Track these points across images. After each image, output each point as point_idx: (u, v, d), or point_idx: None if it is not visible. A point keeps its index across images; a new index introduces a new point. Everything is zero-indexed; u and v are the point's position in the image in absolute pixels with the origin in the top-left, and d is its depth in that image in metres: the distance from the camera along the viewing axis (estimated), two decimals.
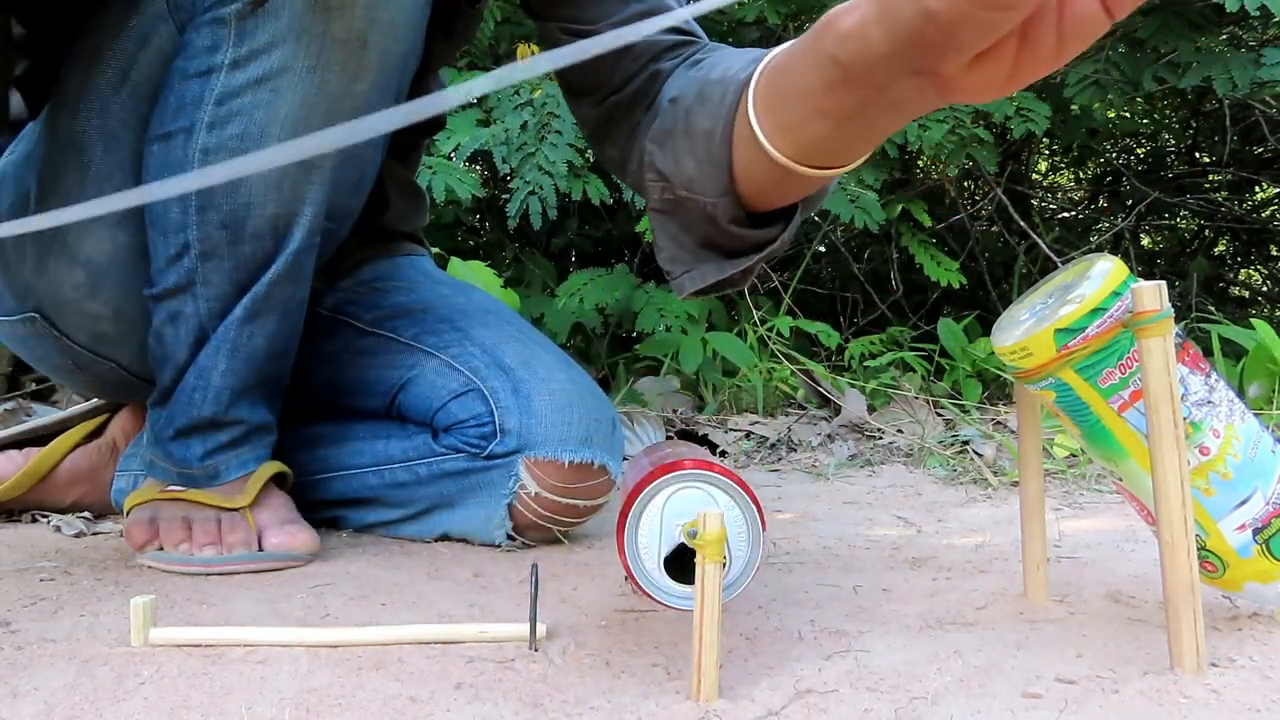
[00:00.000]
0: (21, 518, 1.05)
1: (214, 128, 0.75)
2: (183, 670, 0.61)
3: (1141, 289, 0.60)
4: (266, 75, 0.73)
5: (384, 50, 0.75)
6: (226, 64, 0.74)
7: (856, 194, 2.06)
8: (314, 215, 0.79)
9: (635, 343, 2.14)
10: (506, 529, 0.92)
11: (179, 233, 0.78)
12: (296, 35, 0.72)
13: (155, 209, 0.79)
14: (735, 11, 2.29)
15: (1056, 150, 3.32)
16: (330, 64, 0.73)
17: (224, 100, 0.75)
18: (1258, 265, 3.48)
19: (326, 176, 0.78)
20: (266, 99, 0.74)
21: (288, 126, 0.74)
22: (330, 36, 0.72)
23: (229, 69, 0.74)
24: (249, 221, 0.77)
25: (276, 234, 0.79)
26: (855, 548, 0.96)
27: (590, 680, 0.61)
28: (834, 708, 0.57)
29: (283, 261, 0.80)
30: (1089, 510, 1.14)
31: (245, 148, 0.75)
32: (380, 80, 0.77)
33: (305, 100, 0.74)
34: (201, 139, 0.75)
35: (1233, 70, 2.04)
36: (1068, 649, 0.66)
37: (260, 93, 0.74)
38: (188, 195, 0.76)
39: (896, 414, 1.72)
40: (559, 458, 0.90)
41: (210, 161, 0.75)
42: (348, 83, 0.75)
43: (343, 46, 0.73)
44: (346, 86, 0.75)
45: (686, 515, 0.58)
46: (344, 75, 0.74)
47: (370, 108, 0.77)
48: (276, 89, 0.74)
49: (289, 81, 0.73)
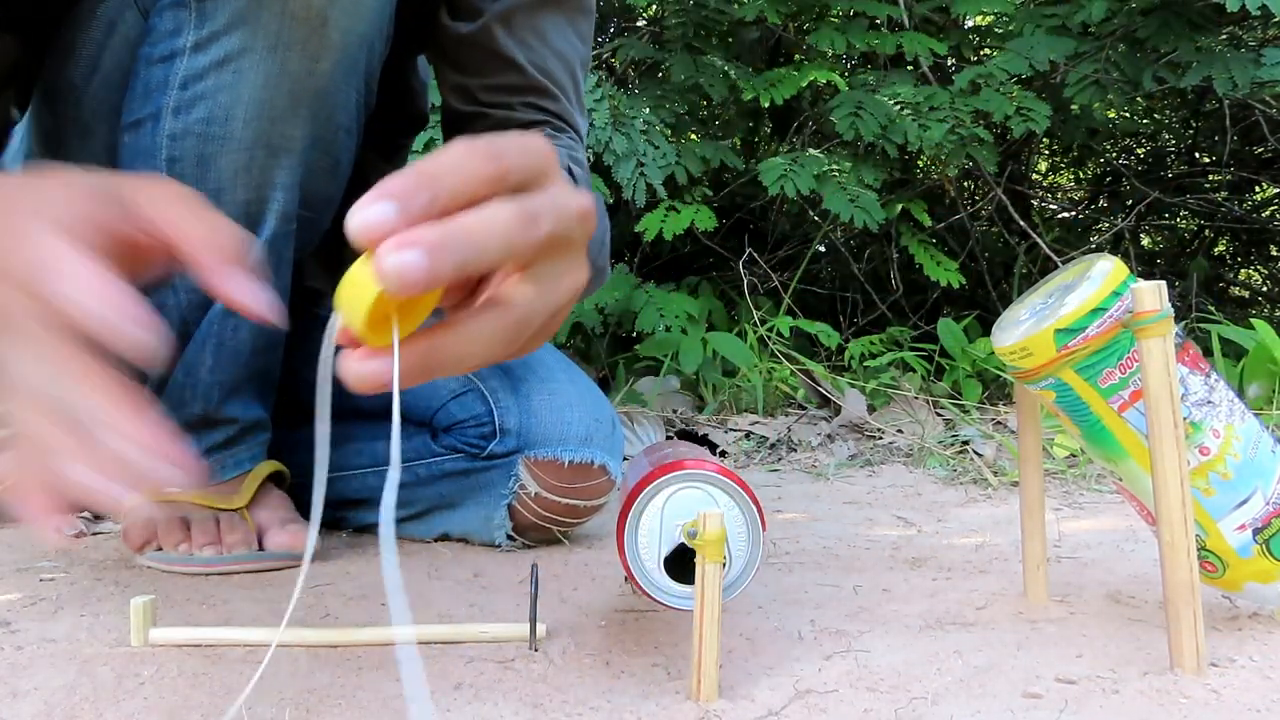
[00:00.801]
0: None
1: (179, 112, 0.74)
2: (183, 670, 0.61)
3: (1141, 289, 0.60)
4: (228, 57, 0.73)
5: (345, 29, 0.74)
6: (189, 47, 0.73)
7: (856, 194, 2.06)
8: (286, 200, 0.78)
9: (635, 343, 2.14)
10: (506, 529, 0.92)
11: None
12: (255, 14, 0.71)
13: None
14: (735, 11, 2.29)
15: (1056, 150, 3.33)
16: (291, 43, 0.72)
17: (188, 84, 0.74)
18: (1258, 265, 3.48)
19: (296, 160, 0.77)
20: (229, 80, 0.73)
21: (253, 108, 0.74)
22: (289, 14, 0.71)
23: (191, 51, 0.73)
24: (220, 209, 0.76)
25: (249, 219, 0.78)
26: (855, 548, 0.96)
27: (590, 680, 0.61)
28: (834, 708, 0.57)
29: (258, 250, 0.79)
30: (1089, 510, 1.14)
31: (211, 131, 0.74)
32: (344, 60, 0.76)
33: (268, 81, 0.73)
34: (168, 124, 0.75)
35: (1233, 70, 2.04)
36: (1068, 649, 0.66)
37: (223, 74, 0.73)
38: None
39: (896, 414, 1.72)
40: (559, 457, 0.89)
41: (178, 147, 0.74)
42: (309, 62, 0.74)
43: (302, 24, 0.72)
44: (309, 66, 0.74)
45: (686, 515, 0.58)
46: (305, 55, 0.73)
47: (335, 88, 0.76)
48: (239, 70, 0.73)
49: (250, 62, 0.72)
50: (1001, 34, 2.52)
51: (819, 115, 2.49)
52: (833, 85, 2.19)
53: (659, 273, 2.53)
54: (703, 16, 2.33)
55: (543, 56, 0.86)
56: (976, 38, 2.80)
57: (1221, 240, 3.39)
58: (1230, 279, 3.38)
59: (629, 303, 2.08)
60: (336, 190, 0.85)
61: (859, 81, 2.26)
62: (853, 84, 2.22)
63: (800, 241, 2.68)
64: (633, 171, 1.96)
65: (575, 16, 0.88)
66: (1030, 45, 2.15)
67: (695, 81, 2.23)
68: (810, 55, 2.41)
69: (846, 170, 2.13)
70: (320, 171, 0.80)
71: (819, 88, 2.40)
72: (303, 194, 0.79)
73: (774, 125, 2.83)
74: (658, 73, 2.56)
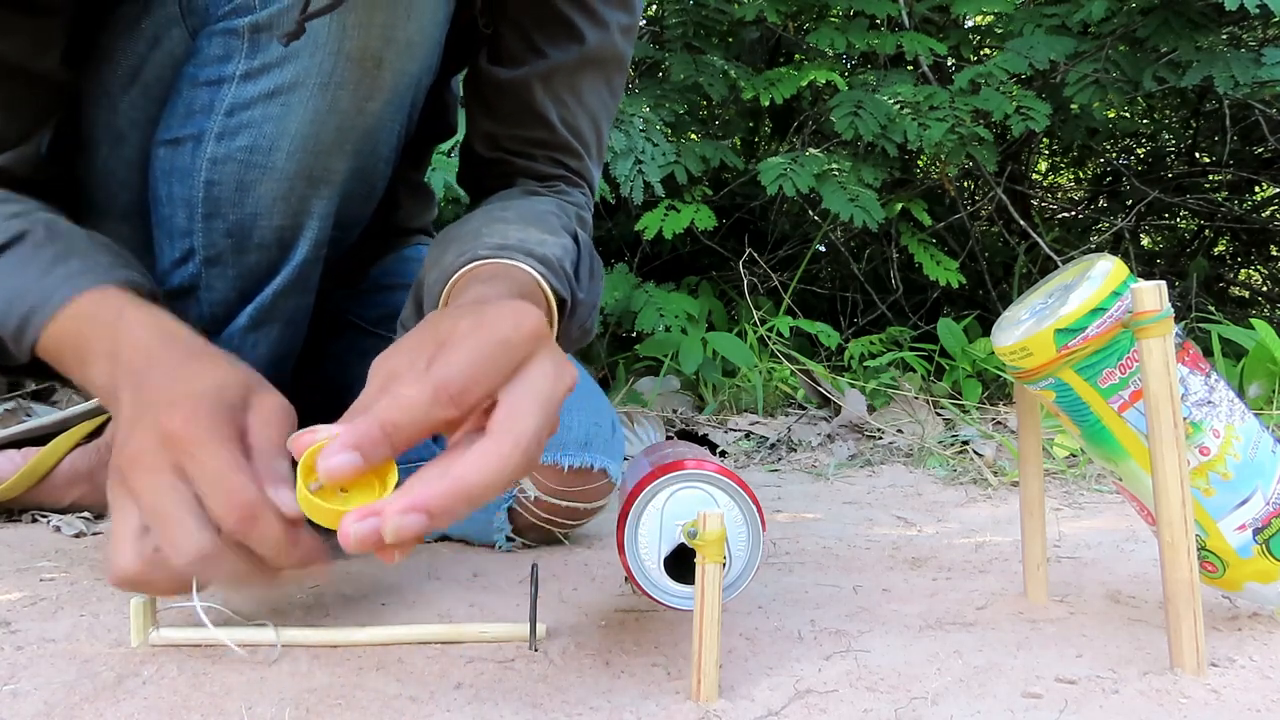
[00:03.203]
0: (21, 518, 1.05)
1: (223, 138, 0.75)
2: (183, 670, 0.61)
3: (1141, 289, 0.60)
4: (278, 90, 0.73)
5: (399, 70, 0.74)
6: (238, 75, 0.73)
7: (856, 193, 2.06)
8: (320, 229, 0.79)
9: (635, 343, 2.14)
10: (506, 531, 0.92)
11: (184, 237, 0.78)
12: (310, 51, 0.71)
13: (162, 210, 0.79)
14: (735, 11, 2.29)
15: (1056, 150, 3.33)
16: (344, 82, 0.73)
17: (234, 111, 0.74)
18: (1258, 265, 3.48)
19: (335, 191, 0.78)
20: (277, 113, 0.73)
21: (298, 141, 0.74)
22: (344, 54, 0.72)
23: (240, 80, 0.74)
24: (255, 232, 0.77)
25: (282, 245, 0.78)
26: (855, 548, 0.96)
27: (590, 680, 0.61)
28: (834, 708, 0.57)
29: (288, 273, 0.79)
30: (1089, 510, 1.14)
31: (254, 160, 0.74)
32: (394, 99, 0.76)
33: (316, 117, 0.73)
34: (210, 148, 0.75)
35: (1233, 69, 2.04)
36: (1068, 649, 0.66)
37: (271, 106, 0.73)
38: (194, 201, 0.76)
39: (896, 414, 1.72)
40: (558, 462, 0.89)
41: (218, 171, 0.75)
42: (360, 101, 0.74)
43: (356, 66, 0.72)
44: (359, 105, 0.74)
45: (686, 515, 0.58)
46: (357, 94, 0.73)
47: (382, 126, 0.77)
48: (287, 104, 0.73)
49: (300, 97, 0.73)
50: (1001, 34, 2.52)
51: (819, 115, 2.49)
52: (833, 85, 2.19)
53: (659, 272, 2.53)
54: (702, 16, 2.33)
55: (575, 115, 0.87)
56: (976, 37, 2.80)
57: (1221, 240, 3.40)
58: (1230, 279, 3.38)
59: (629, 302, 2.08)
60: (367, 212, 0.86)
61: (859, 81, 2.26)
62: (852, 84, 2.22)
63: (800, 241, 2.68)
64: (631, 169, 1.96)
65: (613, 74, 0.88)
66: (1030, 45, 2.15)
67: (695, 81, 2.23)
68: (810, 55, 2.41)
69: (846, 170, 2.13)
70: (357, 198, 0.81)
71: (819, 87, 2.40)
72: (337, 218, 0.80)
73: (774, 125, 2.83)
74: (657, 72, 2.56)
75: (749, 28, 2.46)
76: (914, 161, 2.78)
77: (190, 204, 0.76)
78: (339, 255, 0.87)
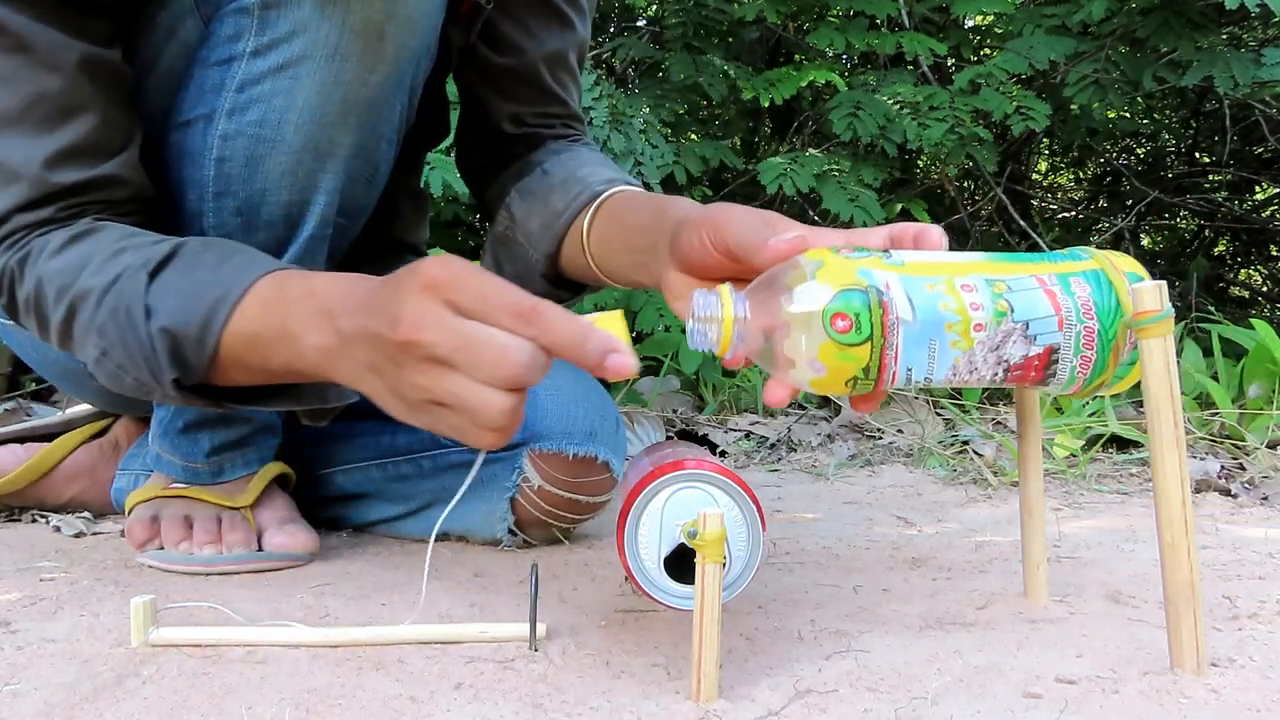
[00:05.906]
0: (22, 517, 1.05)
1: (234, 114, 0.76)
2: (183, 670, 0.61)
3: (1142, 289, 0.60)
4: (287, 63, 0.75)
5: (400, 44, 0.77)
6: (248, 52, 0.76)
7: (856, 193, 2.06)
8: (327, 204, 0.81)
9: (635, 343, 2.13)
10: (508, 523, 0.92)
11: (195, 219, 0.79)
12: (317, 24, 0.74)
13: (172, 197, 0.80)
14: (735, 11, 2.29)
15: (1056, 150, 3.33)
16: (348, 54, 0.75)
17: (244, 87, 0.76)
18: (1258, 265, 3.48)
19: (340, 166, 0.80)
20: (286, 86, 0.76)
21: (305, 113, 0.76)
22: (349, 27, 0.74)
23: (250, 56, 0.76)
24: (263, 209, 0.78)
25: (290, 221, 0.80)
26: (855, 548, 0.96)
27: (590, 680, 0.61)
28: (834, 708, 0.57)
29: (296, 248, 0.80)
30: (1089, 510, 1.14)
31: (264, 134, 0.76)
32: (395, 73, 0.79)
33: (322, 88, 0.76)
34: (221, 125, 0.77)
35: (1233, 69, 2.04)
36: (1068, 649, 0.66)
37: (280, 80, 0.76)
38: (204, 181, 0.78)
39: (896, 414, 1.72)
40: (563, 450, 0.90)
41: (229, 147, 0.77)
42: (364, 73, 0.76)
43: (361, 37, 0.75)
44: (362, 76, 0.77)
45: (686, 515, 0.58)
46: (361, 65, 0.76)
47: (383, 99, 0.79)
48: (296, 76, 0.75)
49: (308, 69, 0.75)
50: (1001, 34, 2.52)
51: (819, 115, 2.49)
52: (832, 85, 2.19)
53: None
54: (702, 16, 2.33)
55: (569, 89, 0.99)
56: (976, 38, 2.80)
57: (1221, 240, 3.40)
58: (1230, 279, 3.39)
59: (629, 302, 2.08)
60: (370, 200, 0.87)
61: (859, 81, 2.26)
62: (852, 84, 2.22)
63: None
64: (630, 170, 1.96)
65: (584, 51, 1.02)
66: (1030, 45, 2.15)
67: (695, 81, 2.23)
68: (810, 55, 2.41)
69: (846, 170, 2.13)
70: (360, 180, 0.83)
71: (819, 88, 2.40)
72: (341, 200, 0.81)
73: (774, 125, 2.83)
74: (657, 72, 2.56)
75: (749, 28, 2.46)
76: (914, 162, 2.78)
77: (200, 185, 0.78)
78: (343, 248, 0.88)
